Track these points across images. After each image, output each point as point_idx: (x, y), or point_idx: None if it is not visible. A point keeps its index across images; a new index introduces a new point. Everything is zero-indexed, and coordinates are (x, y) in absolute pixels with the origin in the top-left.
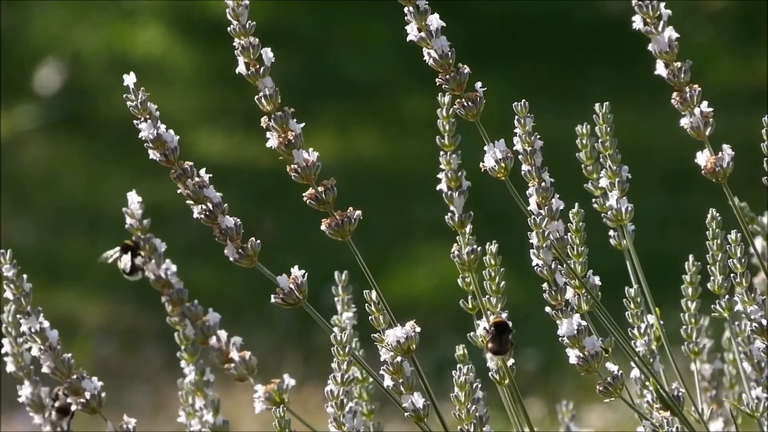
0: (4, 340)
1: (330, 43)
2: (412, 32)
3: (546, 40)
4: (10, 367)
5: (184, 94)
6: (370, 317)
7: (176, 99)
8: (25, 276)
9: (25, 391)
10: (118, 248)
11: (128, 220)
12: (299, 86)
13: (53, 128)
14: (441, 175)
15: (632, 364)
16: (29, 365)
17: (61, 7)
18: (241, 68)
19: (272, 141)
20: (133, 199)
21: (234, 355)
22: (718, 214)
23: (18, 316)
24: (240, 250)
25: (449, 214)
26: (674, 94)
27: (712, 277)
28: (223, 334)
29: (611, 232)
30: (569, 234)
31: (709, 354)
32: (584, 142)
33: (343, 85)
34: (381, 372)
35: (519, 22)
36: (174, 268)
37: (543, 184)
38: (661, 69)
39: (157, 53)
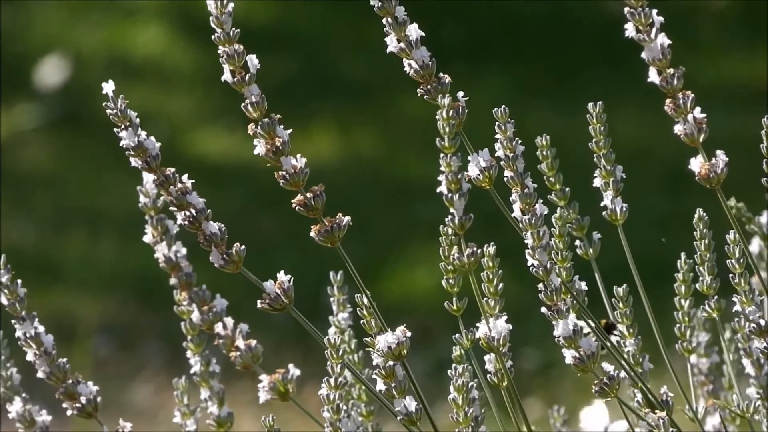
0: None
1: (330, 43)
2: (392, 44)
3: (546, 40)
4: None
5: (184, 94)
6: (361, 321)
7: (176, 99)
8: (19, 281)
9: (15, 407)
10: None
11: (142, 199)
12: (299, 86)
13: (53, 127)
14: (441, 178)
15: (622, 363)
16: (18, 385)
17: (61, 7)
18: (226, 76)
19: (260, 148)
20: (149, 177)
21: (239, 342)
22: (705, 215)
23: (12, 321)
24: (225, 256)
25: (449, 216)
26: (667, 101)
27: (700, 278)
28: (229, 321)
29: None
30: (552, 239)
31: (707, 348)
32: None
33: (343, 85)
34: (373, 375)
35: (519, 22)
36: (184, 251)
37: (526, 190)
38: (654, 76)
39: (158, 53)
